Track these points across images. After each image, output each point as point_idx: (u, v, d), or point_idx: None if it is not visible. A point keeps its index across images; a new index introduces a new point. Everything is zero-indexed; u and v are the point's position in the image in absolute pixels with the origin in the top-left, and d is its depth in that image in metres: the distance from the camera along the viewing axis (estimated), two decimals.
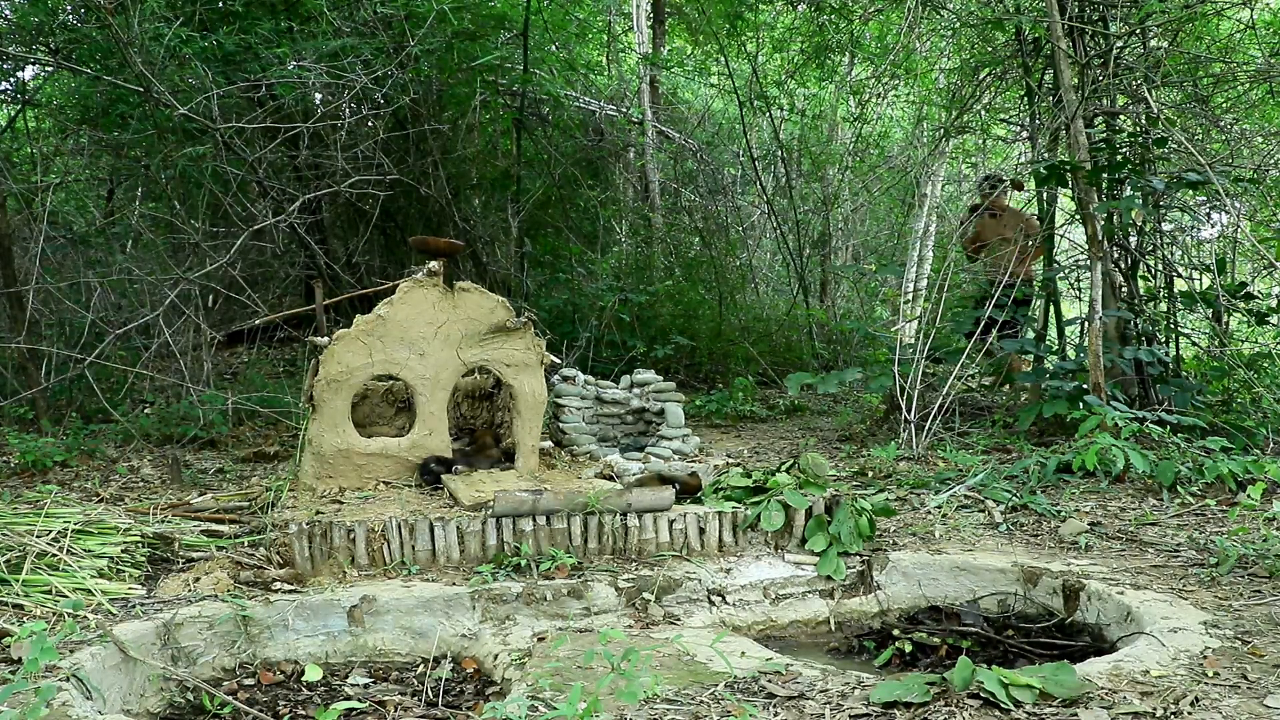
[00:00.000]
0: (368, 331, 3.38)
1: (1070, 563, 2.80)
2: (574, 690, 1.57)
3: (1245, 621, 2.24)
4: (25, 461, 4.01)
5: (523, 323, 3.55)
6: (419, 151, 6.74)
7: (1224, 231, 6.37)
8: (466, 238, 6.78)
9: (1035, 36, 5.69)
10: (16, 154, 6.37)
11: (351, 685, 2.29)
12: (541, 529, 2.81)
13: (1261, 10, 6.10)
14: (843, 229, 10.47)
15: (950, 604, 2.79)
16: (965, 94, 6.81)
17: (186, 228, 5.38)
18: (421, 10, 5.82)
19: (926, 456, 4.48)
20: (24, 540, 2.52)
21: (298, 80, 5.48)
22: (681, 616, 2.59)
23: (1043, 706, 1.76)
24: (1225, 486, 3.58)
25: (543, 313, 6.39)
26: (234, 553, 2.82)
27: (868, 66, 9.24)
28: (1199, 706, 1.75)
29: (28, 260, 5.21)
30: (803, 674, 2.03)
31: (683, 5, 9.89)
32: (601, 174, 8.49)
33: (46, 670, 1.93)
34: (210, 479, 4.01)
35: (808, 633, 2.71)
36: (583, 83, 8.23)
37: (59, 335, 5.46)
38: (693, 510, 2.95)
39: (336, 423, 3.36)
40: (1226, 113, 5.83)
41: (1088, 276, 4.80)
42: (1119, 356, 4.77)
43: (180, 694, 2.18)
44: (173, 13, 5.35)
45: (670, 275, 7.75)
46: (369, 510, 2.93)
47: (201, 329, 5.11)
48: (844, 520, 2.92)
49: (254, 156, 5.45)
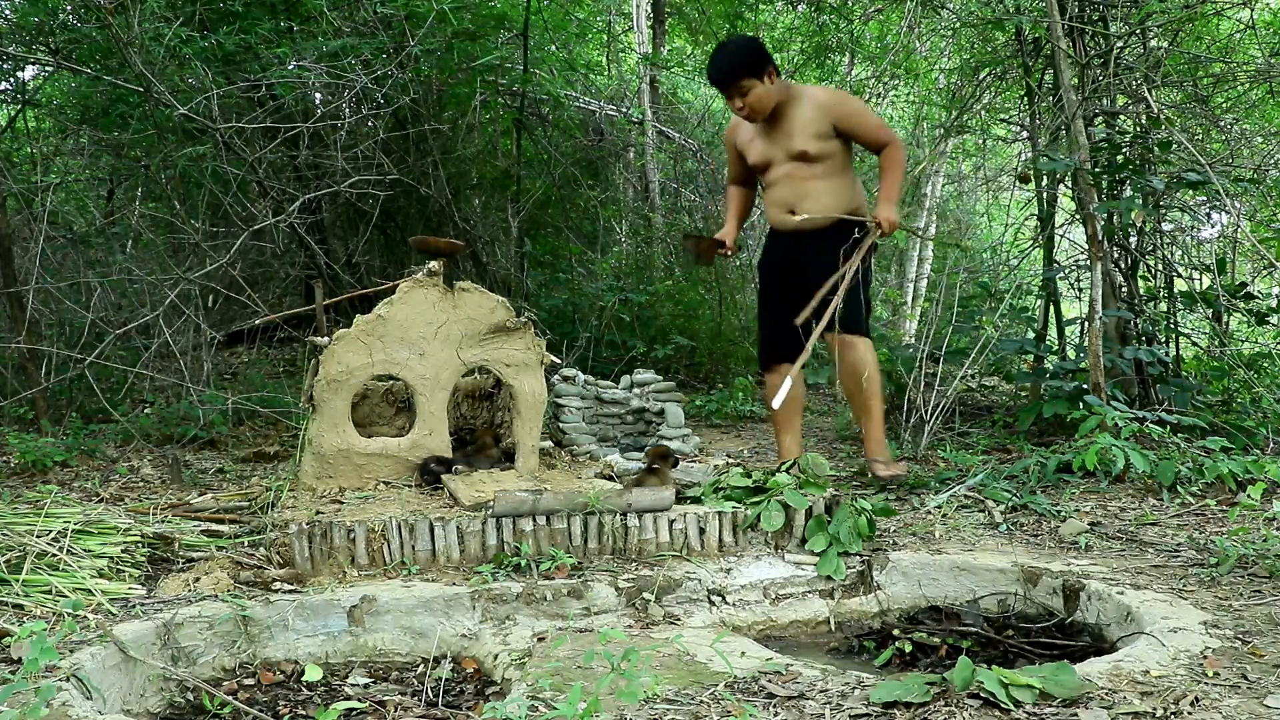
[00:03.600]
0: (368, 331, 3.38)
1: (1070, 563, 2.80)
2: (574, 690, 1.57)
3: (1245, 621, 2.25)
4: (25, 461, 4.01)
5: (523, 323, 3.55)
6: (419, 151, 6.74)
7: (1224, 231, 6.37)
8: (466, 238, 6.77)
9: (1035, 36, 5.69)
10: (16, 154, 6.37)
11: (351, 685, 2.29)
12: (541, 529, 2.81)
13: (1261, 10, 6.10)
14: None
15: (950, 604, 2.79)
16: (965, 94, 6.81)
17: (186, 228, 5.38)
18: (421, 10, 5.82)
19: (926, 456, 4.48)
20: (24, 540, 2.53)
21: (298, 80, 5.48)
22: (681, 616, 2.59)
23: (1043, 706, 1.76)
24: (1225, 486, 3.58)
25: (543, 313, 6.40)
26: (234, 553, 2.82)
27: (868, 66, 9.24)
28: (1199, 706, 1.75)
29: (28, 260, 5.21)
30: (803, 674, 2.03)
31: (683, 5, 9.90)
32: (601, 174, 8.49)
33: (46, 670, 1.93)
34: (210, 479, 4.01)
35: (808, 633, 2.71)
36: (583, 83, 8.23)
37: (59, 335, 5.46)
38: (693, 510, 2.95)
39: (336, 423, 3.36)
40: (1226, 113, 5.83)
41: (1088, 276, 4.80)
42: (1119, 356, 4.77)
43: (180, 694, 2.18)
44: (173, 13, 5.35)
45: (670, 275, 7.75)
46: (369, 510, 2.93)
47: (201, 329, 5.10)
48: (843, 520, 2.92)
49: (254, 156, 5.45)
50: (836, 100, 3.80)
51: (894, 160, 3.73)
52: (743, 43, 3.86)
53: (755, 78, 3.67)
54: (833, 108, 3.74)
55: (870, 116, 3.81)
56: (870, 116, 3.81)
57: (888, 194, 3.71)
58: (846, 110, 3.75)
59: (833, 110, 3.73)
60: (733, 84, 3.69)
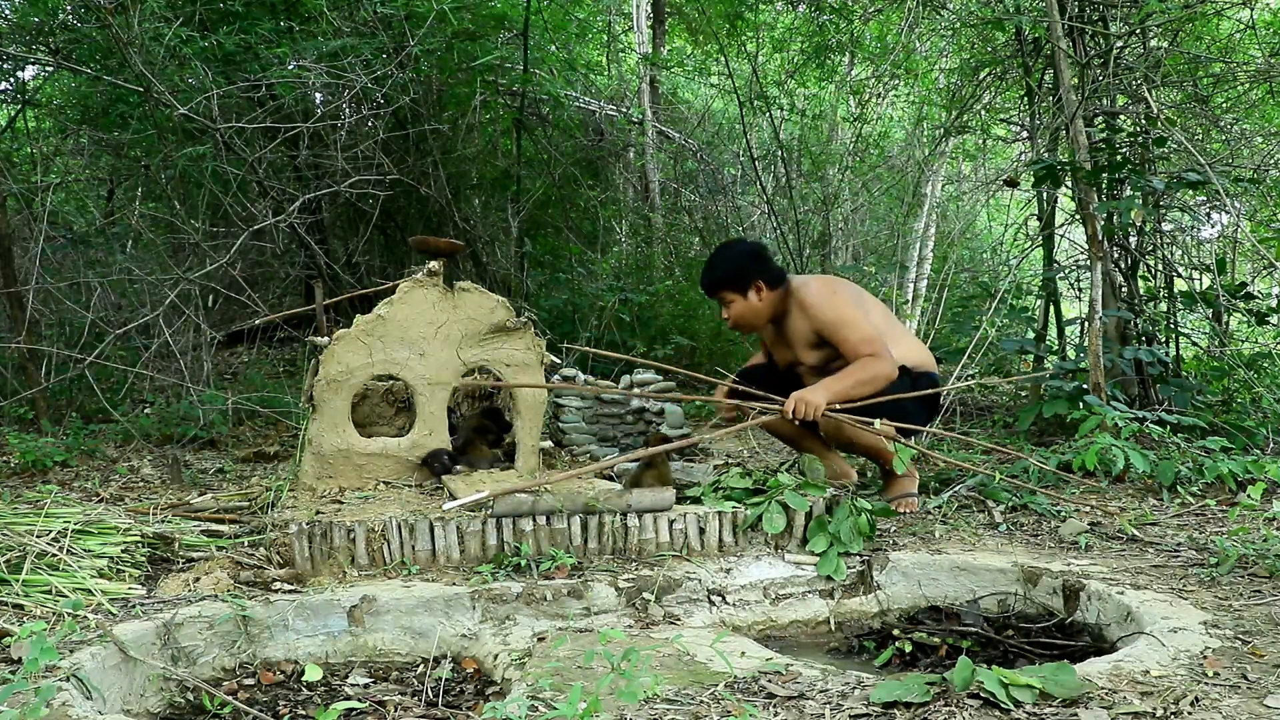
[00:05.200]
0: (368, 331, 3.38)
1: (1070, 563, 2.80)
2: (574, 690, 1.57)
3: (1245, 621, 2.25)
4: (25, 461, 4.01)
5: (523, 323, 3.55)
6: (419, 151, 6.74)
7: (1224, 231, 6.38)
8: (466, 238, 6.78)
9: (1035, 36, 5.70)
10: (16, 154, 6.38)
11: (351, 685, 2.29)
12: (541, 529, 2.81)
13: (1261, 10, 6.10)
14: (843, 229, 10.47)
15: (950, 604, 2.79)
16: (965, 94, 6.82)
17: (186, 228, 5.38)
18: (421, 10, 5.82)
19: (926, 456, 4.48)
20: (24, 540, 2.53)
21: (298, 80, 5.49)
22: (681, 616, 2.59)
23: (1043, 706, 1.76)
24: (1225, 486, 3.58)
25: (543, 313, 6.40)
26: (234, 553, 2.82)
27: (868, 66, 9.25)
28: (1199, 706, 1.75)
29: (28, 260, 5.21)
30: (803, 674, 2.03)
31: (683, 5, 9.90)
32: (601, 174, 8.50)
33: (46, 670, 1.93)
34: (210, 479, 4.01)
35: (808, 633, 2.71)
36: (583, 83, 8.23)
37: (59, 335, 5.46)
38: (693, 510, 2.95)
39: (336, 423, 3.36)
40: (1226, 113, 5.84)
41: (1088, 276, 4.80)
42: (1119, 356, 4.77)
43: (180, 694, 2.18)
44: (173, 13, 5.35)
45: (670, 275, 7.75)
46: (369, 510, 2.93)
47: (201, 329, 5.11)
48: (843, 519, 2.92)
49: (254, 156, 5.45)
50: (818, 307, 3.39)
51: (863, 367, 3.27)
52: (735, 252, 3.54)
53: (737, 292, 3.45)
54: (815, 317, 3.40)
55: (854, 330, 3.31)
56: (854, 330, 3.31)
57: (829, 382, 3.24)
58: (826, 320, 3.37)
59: (815, 320, 3.40)
60: (714, 294, 3.53)
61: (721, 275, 3.49)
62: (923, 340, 5.09)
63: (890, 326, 3.57)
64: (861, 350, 3.29)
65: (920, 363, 3.53)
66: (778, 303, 3.50)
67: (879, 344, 3.30)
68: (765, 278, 3.46)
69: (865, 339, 3.30)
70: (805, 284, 3.50)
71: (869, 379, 3.26)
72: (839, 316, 3.35)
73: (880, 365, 3.27)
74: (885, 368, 3.27)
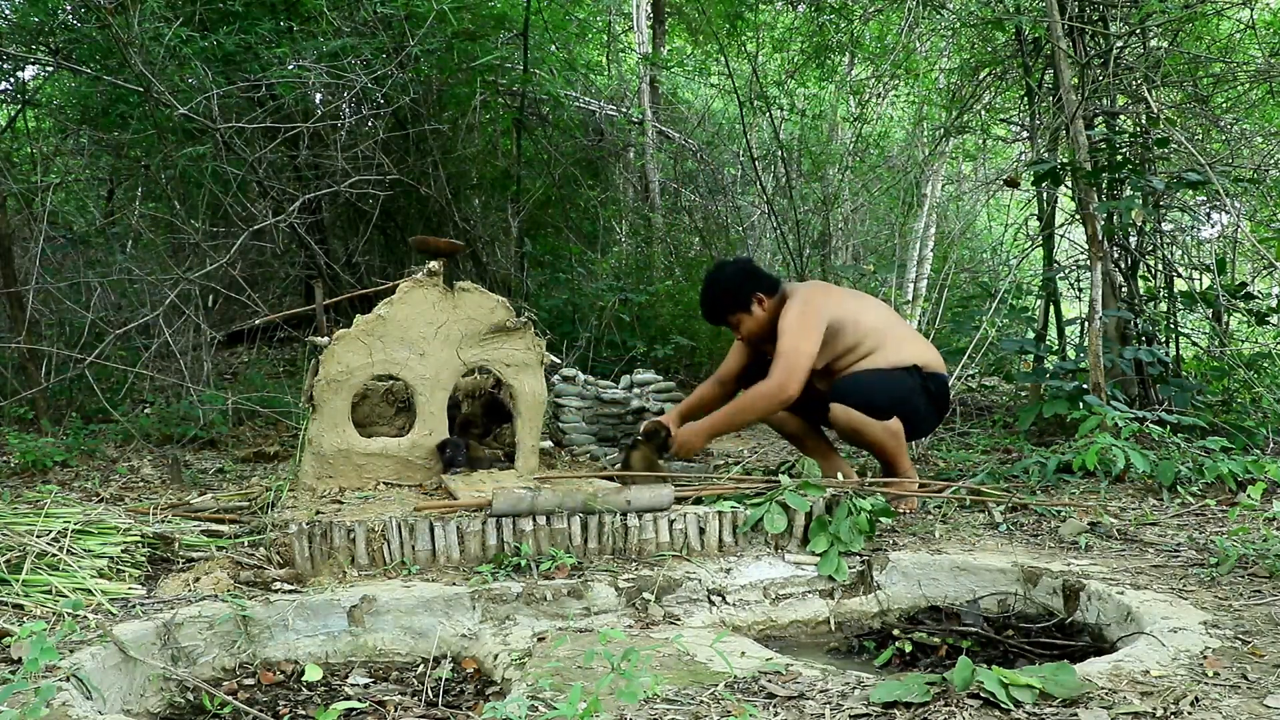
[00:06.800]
0: (368, 331, 3.38)
1: (1070, 563, 2.80)
2: (574, 690, 1.57)
3: (1245, 621, 2.25)
4: (25, 461, 4.01)
5: (523, 323, 3.55)
6: (419, 151, 6.74)
7: (1224, 231, 6.38)
8: (466, 238, 6.77)
9: (1035, 36, 5.69)
10: (16, 154, 6.37)
11: (351, 685, 2.29)
12: (541, 529, 2.81)
13: (1261, 10, 6.10)
14: (843, 229, 10.47)
15: (950, 604, 2.79)
16: (965, 94, 6.82)
17: (186, 228, 5.38)
18: (421, 10, 5.82)
19: (926, 456, 4.48)
20: (24, 540, 2.53)
21: (298, 80, 5.49)
22: (681, 616, 2.59)
23: (1043, 706, 1.76)
24: (1225, 486, 3.58)
25: (543, 313, 6.40)
26: (234, 553, 2.82)
27: (868, 66, 9.24)
28: (1199, 706, 1.75)
29: (28, 260, 5.21)
30: (803, 674, 2.03)
31: (683, 5, 9.90)
32: (601, 174, 8.50)
33: (46, 670, 1.93)
34: (210, 479, 4.01)
35: (808, 633, 2.71)
36: (583, 83, 8.23)
37: (59, 335, 5.46)
38: (693, 510, 2.95)
39: (336, 423, 3.36)
40: (1226, 113, 5.84)
41: (1088, 276, 4.80)
42: (1119, 356, 4.77)
43: (180, 694, 2.18)
44: (173, 13, 5.35)
45: (670, 275, 7.75)
46: (369, 510, 2.93)
47: (201, 329, 5.11)
48: (842, 518, 2.92)
49: (254, 156, 5.45)
50: (783, 314, 3.44)
51: (749, 397, 3.38)
52: (728, 275, 3.59)
53: (742, 311, 3.55)
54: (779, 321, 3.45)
55: (784, 341, 3.35)
56: (784, 341, 3.35)
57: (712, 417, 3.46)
58: (779, 326, 3.42)
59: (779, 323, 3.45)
60: (721, 322, 3.63)
61: (723, 303, 3.58)
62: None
63: (895, 326, 3.63)
64: (777, 363, 3.35)
65: (930, 363, 3.58)
66: (776, 308, 3.59)
67: (793, 359, 3.33)
68: (762, 289, 3.56)
69: (783, 352, 3.34)
70: (795, 290, 3.58)
71: (748, 406, 3.40)
72: (783, 325, 3.41)
73: (768, 387, 3.33)
74: (774, 392, 3.32)
